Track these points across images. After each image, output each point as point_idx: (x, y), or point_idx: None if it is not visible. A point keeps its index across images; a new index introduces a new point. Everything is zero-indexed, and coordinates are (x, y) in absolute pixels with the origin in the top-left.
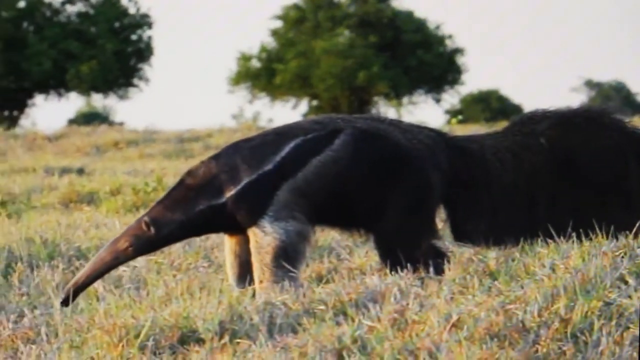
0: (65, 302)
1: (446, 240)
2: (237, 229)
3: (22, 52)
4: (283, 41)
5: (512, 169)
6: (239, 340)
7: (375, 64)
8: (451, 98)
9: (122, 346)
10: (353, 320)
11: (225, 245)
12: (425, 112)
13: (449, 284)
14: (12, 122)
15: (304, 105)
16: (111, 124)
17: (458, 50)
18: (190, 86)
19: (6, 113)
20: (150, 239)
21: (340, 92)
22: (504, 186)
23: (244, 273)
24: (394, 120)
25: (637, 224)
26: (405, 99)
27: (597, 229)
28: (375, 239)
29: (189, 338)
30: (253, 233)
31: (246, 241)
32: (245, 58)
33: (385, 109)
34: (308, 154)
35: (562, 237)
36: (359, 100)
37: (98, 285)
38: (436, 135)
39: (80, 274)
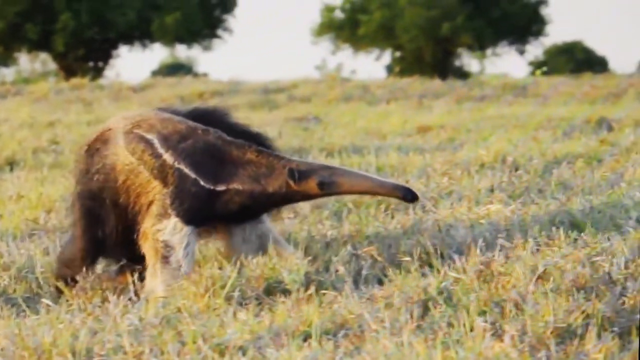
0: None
1: None
2: None
3: (106, 3)
4: None
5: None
6: (324, 292)
7: (459, 15)
8: (535, 49)
9: (209, 297)
10: (439, 272)
11: None
12: (509, 63)
13: (534, 235)
14: (97, 73)
15: (387, 57)
16: (195, 75)
17: (542, 2)
18: (273, 37)
19: (91, 64)
20: None
21: (424, 43)
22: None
23: None
24: None
25: None
26: (489, 51)
27: None
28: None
29: (274, 289)
30: None
31: None
32: (329, 9)
33: (469, 61)
34: None
35: None
36: (443, 51)
37: None
38: None
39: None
